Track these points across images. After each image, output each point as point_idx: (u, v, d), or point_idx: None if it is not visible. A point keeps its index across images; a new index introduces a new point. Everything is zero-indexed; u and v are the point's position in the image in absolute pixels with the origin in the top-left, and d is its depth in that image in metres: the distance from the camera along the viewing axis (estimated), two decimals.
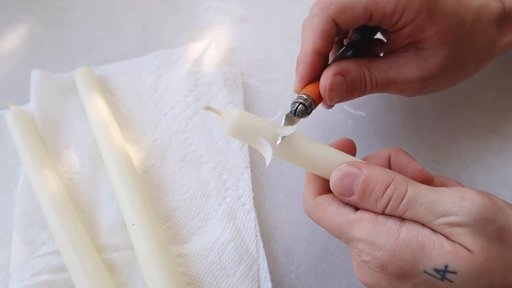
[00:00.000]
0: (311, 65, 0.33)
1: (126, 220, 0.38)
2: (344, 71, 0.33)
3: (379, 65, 0.35)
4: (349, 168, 0.29)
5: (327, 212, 0.29)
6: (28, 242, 0.39)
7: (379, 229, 0.27)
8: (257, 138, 0.29)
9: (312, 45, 0.33)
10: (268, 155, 0.29)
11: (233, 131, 0.29)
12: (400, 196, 0.27)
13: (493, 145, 0.44)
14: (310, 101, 0.32)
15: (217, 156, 0.43)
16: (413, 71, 0.34)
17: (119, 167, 0.40)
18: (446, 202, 0.26)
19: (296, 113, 0.31)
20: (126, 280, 0.37)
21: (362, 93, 0.35)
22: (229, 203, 0.40)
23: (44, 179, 0.40)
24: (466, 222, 0.25)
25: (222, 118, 0.29)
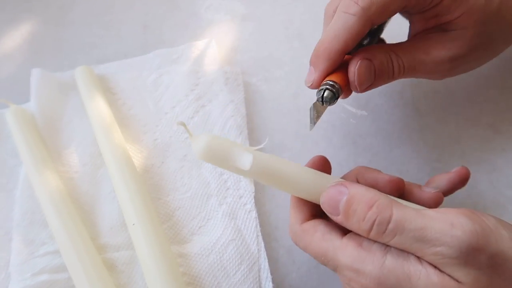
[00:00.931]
0: (336, 64, 0.33)
1: (127, 220, 0.37)
2: (370, 56, 0.33)
3: (405, 49, 0.34)
4: (337, 187, 0.28)
5: (314, 238, 0.29)
6: (28, 242, 0.39)
7: (363, 256, 0.26)
8: (230, 162, 0.28)
9: (343, 44, 0.32)
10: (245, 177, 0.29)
11: (204, 156, 0.28)
12: (384, 221, 0.25)
13: (496, 145, 0.44)
14: (338, 87, 0.31)
15: None
16: (441, 52, 0.34)
17: (120, 167, 0.40)
18: (436, 230, 0.24)
19: (323, 99, 0.31)
20: (127, 280, 0.37)
21: (391, 78, 0.34)
22: (230, 203, 0.40)
23: (44, 179, 0.40)
24: (457, 254, 0.24)
25: (193, 141, 0.29)
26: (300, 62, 0.51)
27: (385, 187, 0.31)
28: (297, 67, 0.51)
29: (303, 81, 0.35)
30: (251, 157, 0.29)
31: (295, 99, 0.48)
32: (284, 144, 0.45)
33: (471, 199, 0.41)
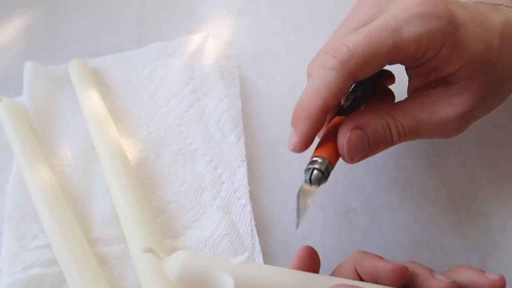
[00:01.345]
0: (317, 123, 0.29)
1: (119, 214, 0.37)
2: (363, 123, 0.29)
3: (405, 109, 0.31)
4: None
5: None
6: (19, 236, 0.38)
7: None
8: (211, 284, 0.26)
9: (323, 102, 0.28)
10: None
11: (180, 280, 0.25)
12: None
13: (494, 140, 0.43)
14: (326, 164, 0.28)
15: (212, 149, 0.42)
16: (448, 109, 0.30)
17: (113, 160, 0.40)
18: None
19: (311, 181, 0.28)
20: (119, 274, 0.36)
21: (389, 145, 0.31)
22: (224, 197, 0.40)
23: (36, 172, 0.40)
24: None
25: (165, 263, 0.26)
26: (297, 57, 0.50)
27: (387, 277, 0.27)
28: (294, 61, 0.50)
29: (299, 75, 0.34)
30: (231, 281, 0.25)
31: (291, 93, 0.47)
32: (280, 138, 0.45)
33: (470, 194, 0.40)
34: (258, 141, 0.45)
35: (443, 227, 0.39)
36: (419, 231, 0.39)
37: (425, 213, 0.40)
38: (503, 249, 0.38)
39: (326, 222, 0.40)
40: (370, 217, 0.40)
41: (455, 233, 0.39)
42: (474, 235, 0.38)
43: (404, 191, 0.41)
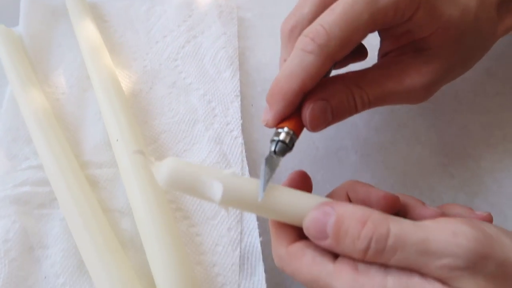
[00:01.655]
0: (292, 104, 0.29)
1: (111, 137, 0.37)
2: (327, 94, 0.29)
3: (373, 78, 0.30)
4: (321, 208, 0.25)
5: (303, 263, 0.25)
6: (11, 156, 0.38)
7: (361, 281, 0.23)
8: (198, 191, 0.26)
9: (300, 84, 0.28)
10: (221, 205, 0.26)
11: (169, 184, 0.26)
12: (382, 237, 0.23)
13: (489, 88, 0.43)
14: (291, 135, 0.28)
15: (207, 84, 0.42)
16: (415, 79, 0.30)
17: (107, 88, 0.40)
18: (439, 241, 0.22)
19: (276, 153, 0.28)
20: (109, 195, 0.37)
21: (353, 113, 0.31)
22: (216, 129, 0.40)
23: (30, 97, 0.40)
24: (466, 264, 0.22)
25: (156, 168, 0.26)
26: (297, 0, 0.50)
27: (378, 203, 0.28)
28: (294, 4, 0.49)
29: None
30: (221, 187, 0.26)
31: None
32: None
33: (461, 138, 0.40)
34: (253, 80, 0.45)
35: (432, 168, 0.39)
36: (408, 171, 0.39)
37: (415, 154, 0.40)
38: (489, 189, 0.38)
39: (316, 159, 0.40)
40: (361, 156, 0.40)
41: (444, 173, 0.39)
42: (462, 176, 0.39)
43: (396, 133, 0.41)
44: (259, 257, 0.34)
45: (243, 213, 0.36)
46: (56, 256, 0.34)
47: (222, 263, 0.34)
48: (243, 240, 0.35)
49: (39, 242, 0.35)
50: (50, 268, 0.34)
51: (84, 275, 0.33)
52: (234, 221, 0.35)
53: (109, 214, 0.36)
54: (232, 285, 0.33)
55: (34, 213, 0.36)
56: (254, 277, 0.34)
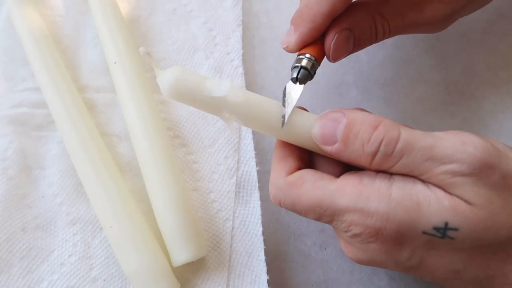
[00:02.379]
0: (320, 28, 0.28)
1: (108, 59, 0.36)
2: (351, 23, 0.28)
3: (395, 7, 0.30)
4: (332, 114, 0.25)
5: (303, 189, 0.25)
6: (7, 78, 0.38)
7: (366, 192, 0.23)
8: (204, 92, 0.25)
9: (331, 7, 0.27)
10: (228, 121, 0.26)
11: (174, 90, 0.25)
12: (393, 140, 0.23)
13: (498, 28, 0.42)
14: (313, 62, 0.27)
15: (208, 11, 0.41)
16: (436, 8, 0.30)
17: (105, 12, 0.38)
18: (446, 147, 0.22)
19: (298, 80, 0.27)
20: (106, 120, 0.37)
21: (373, 43, 0.31)
22: (217, 58, 0.39)
23: (26, 18, 0.38)
24: (470, 171, 0.22)
25: (160, 76, 0.26)
26: None
27: None
28: None
29: None
30: (228, 83, 0.25)
31: None
32: (279, 9, 0.43)
33: (465, 78, 0.40)
34: (256, 10, 0.43)
35: (434, 106, 0.39)
36: (408, 108, 0.39)
37: (417, 92, 0.39)
38: (489, 129, 0.38)
39: (317, 93, 0.40)
40: (362, 91, 0.40)
41: (445, 112, 0.39)
42: (463, 116, 0.38)
43: (399, 69, 0.40)
44: (255, 185, 0.34)
45: (240, 142, 0.36)
46: (54, 177, 0.34)
47: (218, 190, 0.34)
48: (240, 169, 0.35)
49: (37, 163, 0.35)
50: (48, 188, 0.34)
51: (81, 196, 0.34)
52: (231, 150, 0.35)
53: (107, 138, 0.36)
54: (227, 211, 0.34)
55: (32, 135, 0.36)
56: (249, 204, 0.34)
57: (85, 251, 0.32)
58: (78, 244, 0.32)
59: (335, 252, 0.34)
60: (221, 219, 0.34)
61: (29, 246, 0.32)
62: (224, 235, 0.33)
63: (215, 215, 0.34)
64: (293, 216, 0.35)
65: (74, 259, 0.32)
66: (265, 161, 0.37)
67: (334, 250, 0.34)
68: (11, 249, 0.32)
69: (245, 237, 0.33)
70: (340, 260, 0.34)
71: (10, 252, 0.32)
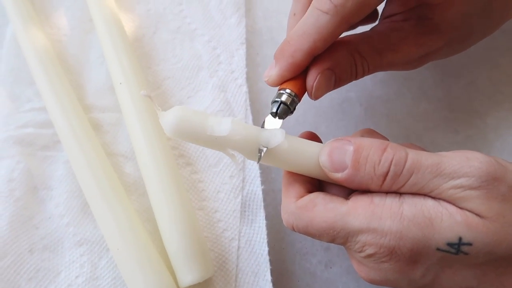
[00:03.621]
0: (300, 65, 0.28)
1: (114, 80, 0.37)
2: (332, 63, 0.29)
3: (373, 46, 0.30)
4: (337, 141, 0.26)
5: (315, 212, 0.25)
6: (13, 98, 0.38)
7: (379, 212, 0.24)
8: (207, 132, 0.25)
9: (312, 45, 0.27)
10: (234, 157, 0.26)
11: (177, 129, 0.25)
12: (402, 160, 0.23)
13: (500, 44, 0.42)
14: (293, 98, 0.28)
15: (212, 30, 0.41)
16: (411, 50, 0.31)
17: (110, 31, 0.39)
18: (452, 164, 0.23)
19: (277, 114, 0.27)
20: (112, 139, 0.37)
21: (353, 80, 0.31)
22: (221, 76, 0.39)
23: (32, 37, 0.39)
24: (478, 184, 0.22)
25: (162, 117, 0.26)
26: None
27: None
28: None
29: None
30: (229, 122, 0.25)
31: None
32: (282, 26, 0.43)
33: (468, 94, 0.40)
34: (259, 28, 0.44)
35: (437, 123, 0.39)
36: (412, 125, 0.39)
37: (420, 108, 0.40)
38: (493, 145, 0.38)
39: (320, 110, 0.40)
40: (365, 108, 0.40)
41: (448, 129, 0.39)
42: (466, 132, 0.39)
43: (402, 86, 0.41)
44: (260, 205, 0.35)
45: (245, 161, 0.36)
46: (61, 197, 0.35)
47: (224, 209, 0.35)
48: (245, 188, 0.35)
49: (43, 183, 0.35)
50: (55, 209, 0.34)
51: (88, 216, 0.34)
52: (236, 169, 0.36)
53: (113, 158, 0.36)
54: (233, 230, 0.34)
55: (38, 155, 0.36)
56: (254, 223, 0.34)
57: (92, 272, 0.32)
58: (85, 265, 0.33)
59: (340, 270, 0.34)
60: (227, 239, 0.34)
61: (36, 267, 0.32)
62: (230, 254, 0.33)
63: (220, 234, 0.34)
64: (298, 235, 0.35)
65: (81, 280, 0.32)
66: (270, 180, 0.37)
67: (340, 268, 0.34)
68: (19, 271, 0.32)
69: (251, 256, 0.33)
70: (345, 279, 0.34)
71: (18, 273, 0.32)
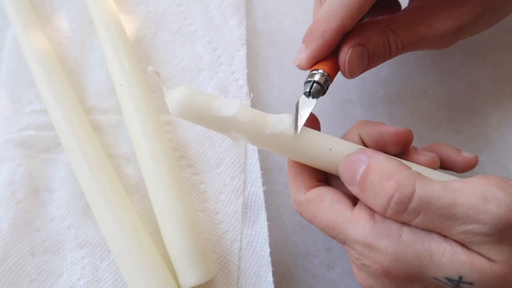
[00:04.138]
0: (331, 45, 0.28)
1: (114, 82, 0.37)
2: (363, 39, 0.28)
3: (405, 22, 0.30)
4: (358, 155, 0.25)
5: (321, 209, 0.26)
6: (14, 100, 0.38)
7: (377, 229, 0.23)
8: (213, 112, 0.25)
9: (340, 23, 0.27)
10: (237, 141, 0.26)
11: (183, 109, 0.25)
12: (405, 198, 0.22)
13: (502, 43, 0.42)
14: (326, 78, 0.28)
15: (212, 31, 0.41)
16: (445, 23, 0.30)
17: (110, 33, 0.39)
18: (467, 206, 0.21)
19: (311, 94, 0.27)
20: (113, 141, 0.37)
21: (387, 59, 0.31)
22: (221, 77, 0.39)
23: (32, 40, 0.39)
24: (492, 231, 0.21)
25: (168, 95, 0.26)
26: None
27: (391, 141, 0.27)
28: None
29: None
30: (237, 103, 0.25)
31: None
32: (283, 27, 0.43)
33: (469, 93, 0.40)
34: (260, 29, 0.44)
35: (438, 123, 0.39)
36: (413, 125, 0.39)
37: (422, 108, 0.40)
38: (494, 145, 0.38)
39: (321, 110, 0.40)
40: (366, 109, 0.40)
41: (450, 129, 0.39)
42: (468, 132, 0.39)
43: (403, 86, 0.41)
44: (261, 206, 0.35)
45: (246, 162, 0.36)
46: (62, 199, 0.35)
47: (225, 211, 0.35)
48: (246, 189, 0.35)
49: (45, 185, 0.35)
50: (56, 211, 0.34)
51: (89, 218, 0.34)
52: (237, 170, 0.36)
53: (114, 160, 0.36)
54: (234, 232, 0.34)
55: (39, 157, 0.36)
56: (256, 225, 0.34)
57: (94, 274, 0.32)
58: (86, 267, 0.33)
59: (342, 271, 0.34)
60: (228, 240, 0.34)
61: (38, 269, 0.32)
62: (232, 256, 0.33)
63: (222, 236, 0.34)
64: (300, 236, 0.35)
65: (83, 282, 0.32)
66: (271, 181, 0.37)
67: (342, 269, 0.34)
68: (20, 273, 0.32)
69: (252, 258, 0.33)
70: (347, 280, 0.34)
71: (20, 276, 0.32)
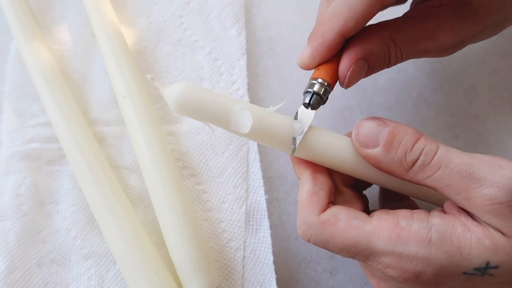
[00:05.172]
0: (331, 46, 0.27)
1: (117, 94, 0.37)
2: (366, 52, 0.28)
3: (408, 34, 0.30)
4: (375, 119, 0.26)
5: (338, 228, 0.25)
6: (19, 113, 0.39)
7: (405, 236, 0.23)
8: (212, 113, 0.25)
9: (342, 25, 0.27)
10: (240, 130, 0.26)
11: (181, 108, 0.25)
12: (432, 151, 0.23)
13: (499, 48, 0.43)
14: (325, 87, 0.27)
15: (213, 41, 0.42)
16: (448, 37, 0.30)
17: (112, 45, 0.39)
18: (483, 168, 0.22)
19: (310, 105, 0.27)
20: (116, 152, 0.37)
21: (384, 68, 0.31)
22: (222, 87, 0.40)
23: (35, 53, 0.39)
24: (508, 199, 0.22)
25: (167, 93, 0.25)
26: None
27: None
28: None
29: None
30: (237, 100, 0.26)
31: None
32: (282, 36, 0.44)
33: (468, 99, 0.40)
34: (259, 38, 0.44)
35: (437, 128, 0.39)
36: None
37: (421, 115, 0.40)
38: (493, 150, 0.38)
39: (321, 118, 0.40)
40: (366, 115, 0.40)
41: (449, 134, 0.39)
42: (467, 137, 0.39)
43: (402, 93, 0.41)
44: (264, 214, 0.35)
45: (248, 171, 0.37)
46: (67, 211, 0.35)
47: (228, 220, 0.35)
48: (249, 198, 0.36)
49: (50, 198, 0.36)
50: (62, 222, 0.35)
51: (94, 229, 0.35)
52: (240, 179, 0.36)
53: (117, 171, 0.37)
54: (238, 240, 0.34)
55: (44, 169, 0.36)
56: (259, 233, 0.35)
57: (100, 284, 0.33)
58: (92, 278, 0.33)
59: (345, 278, 0.35)
60: (232, 249, 0.34)
61: (45, 281, 0.33)
62: (236, 264, 0.34)
63: (226, 244, 0.34)
64: (302, 243, 0.36)
65: None
66: (273, 189, 0.38)
67: (344, 276, 0.35)
68: (28, 285, 0.32)
69: (256, 266, 0.34)
70: (350, 286, 0.34)
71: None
